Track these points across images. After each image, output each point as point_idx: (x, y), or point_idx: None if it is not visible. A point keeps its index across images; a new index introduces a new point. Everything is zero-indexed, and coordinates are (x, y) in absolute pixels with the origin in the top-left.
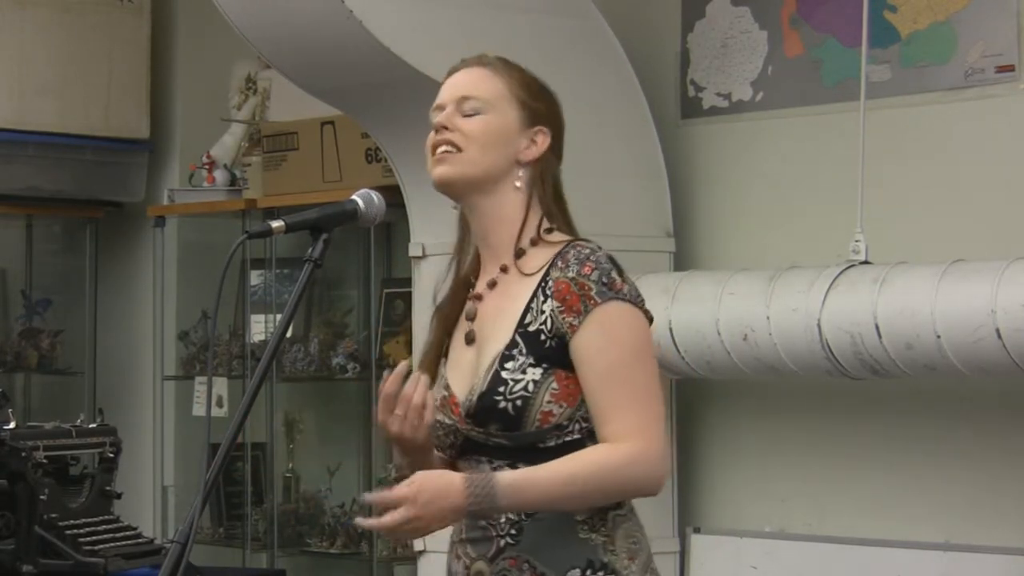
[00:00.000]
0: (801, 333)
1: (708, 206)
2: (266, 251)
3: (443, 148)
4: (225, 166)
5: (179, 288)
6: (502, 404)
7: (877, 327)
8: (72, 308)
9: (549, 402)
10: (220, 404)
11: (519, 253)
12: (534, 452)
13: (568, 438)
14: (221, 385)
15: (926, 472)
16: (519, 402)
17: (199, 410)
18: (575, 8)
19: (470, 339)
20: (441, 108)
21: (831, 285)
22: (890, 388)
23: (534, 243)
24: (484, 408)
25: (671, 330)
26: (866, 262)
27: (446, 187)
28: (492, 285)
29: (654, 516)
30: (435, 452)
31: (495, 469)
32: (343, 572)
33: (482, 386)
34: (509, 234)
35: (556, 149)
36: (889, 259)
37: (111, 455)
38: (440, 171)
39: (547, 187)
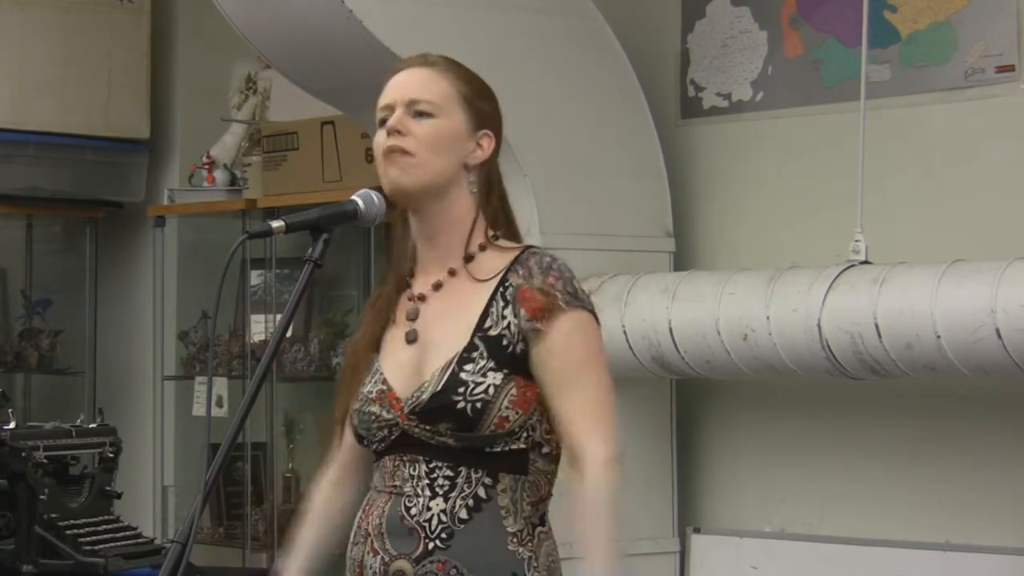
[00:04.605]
0: (801, 333)
1: (708, 206)
2: (266, 251)
3: (396, 154)
4: (225, 166)
5: (179, 288)
6: (460, 404)
7: (877, 327)
8: (72, 308)
9: (507, 407)
10: (220, 404)
11: (469, 258)
12: (478, 456)
13: (514, 446)
14: (221, 385)
15: (926, 472)
16: (479, 404)
17: (199, 410)
18: (575, 8)
19: (411, 339)
20: (389, 109)
21: (831, 285)
22: (890, 388)
23: (483, 248)
24: (437, 407)
25: (671, 330)
26: (866, 262)
27: (400, 192)
28: (437, 287)
29: (654, 516)
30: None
31: (432, 469)
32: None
33: (435, 386)
34: (458, 238)
35: (497, 150)
36: (889, 259)
37: (111, 455)
38: (394, 176)
39: (493, 190)
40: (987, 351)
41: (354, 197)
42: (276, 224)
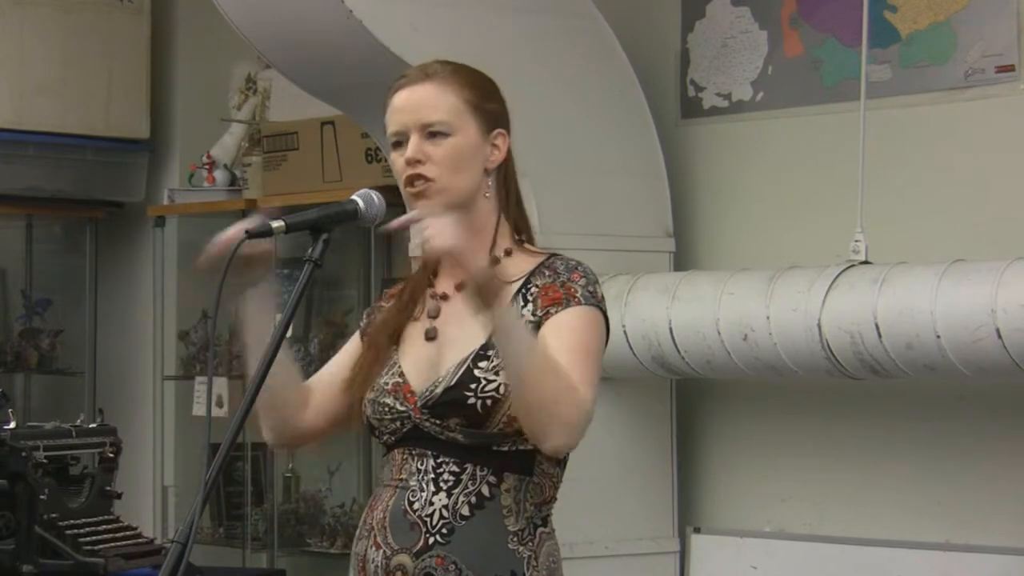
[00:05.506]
0: (801, 333)
1: (708, 206)
2: None
3: (419, 183)
4: (225, 166)
5: (179, 288)
6: (471, 400)
7: (877, 327)
8: (72, 308)
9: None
10: (220, 404)
11: (494, 261)
12: (486, 454)
13: (522, 446)
14: (221, 385)
15: (926, 472)
16: (489, 401)
17: (199, 410)
18: (575, 8)
19: (431, 336)
20: (401, 135)
21: (831, 285)
22: (890, 388)
23: (509, 253)
24: (448, 402)
25: (671, 330)
26: (866, 262)
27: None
28: (460, 288)
29: (654, 516)
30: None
31: (440, 464)
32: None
33: (449, 380)
34: (482, 243)
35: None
36: (889, 259)
37: (111, 455)
38: (421, 205)
39: (511, 190)
40: (987, 351)
41: (354, 197)
42: (276, 224)
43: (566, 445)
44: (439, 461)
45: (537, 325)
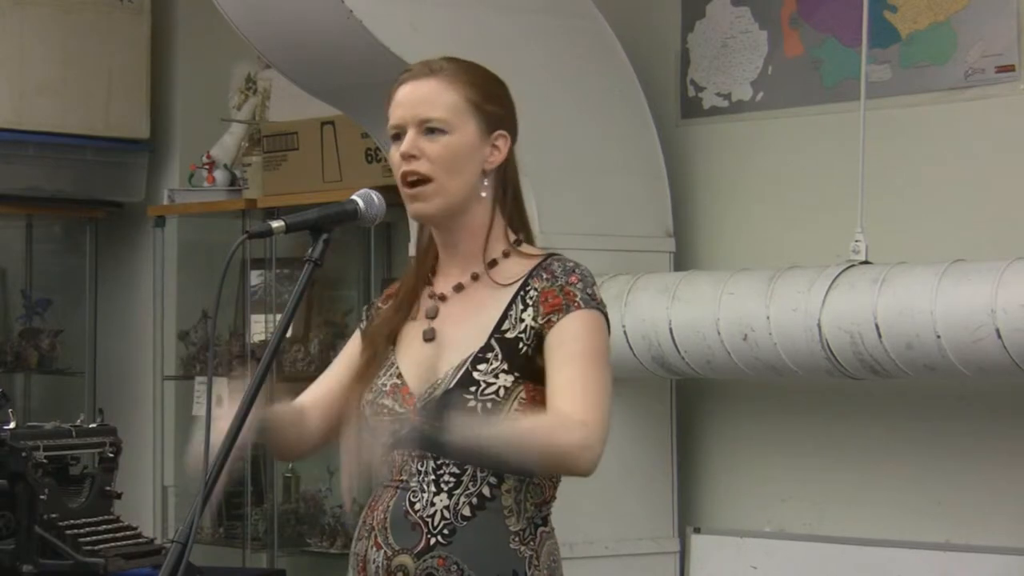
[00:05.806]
0: (801, 333)
1: (708, 206)
2: (266, 251)
3: (414, 180)
4: (225, 166)
5: (179, 288)
6: (472, 404)
7: (877, 327)
8: (72, 308)
9: (516, 410)
10: (220, 404)
11: (492, 263)
12: None
13: None
14: (221, 385)
15: (926, 472)
16: (489, 405)
17: (199, 410)
18: (575, 8)
19: (429, 337)
20: (400, 128)
21: (831, 285)
22: (890, 388)
23: (507, 255)
24: (448, 405)
25: (671, 330)
26: (866, 262)
27: (424, 219)
28: (459, 289)
29: (654, 516)
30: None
31: (440, 466)
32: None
33: (448, 383)
34: (478, 243)
35: (513, 145)
36: (889, 259)
37: (111, 455)
38: (417, 208)
39: (508, 190)
40: (987, 351)
41: (354, 197)
42: (276, 224)
43: (589, 463)
44: (439, 462)
45: (538, 331)
